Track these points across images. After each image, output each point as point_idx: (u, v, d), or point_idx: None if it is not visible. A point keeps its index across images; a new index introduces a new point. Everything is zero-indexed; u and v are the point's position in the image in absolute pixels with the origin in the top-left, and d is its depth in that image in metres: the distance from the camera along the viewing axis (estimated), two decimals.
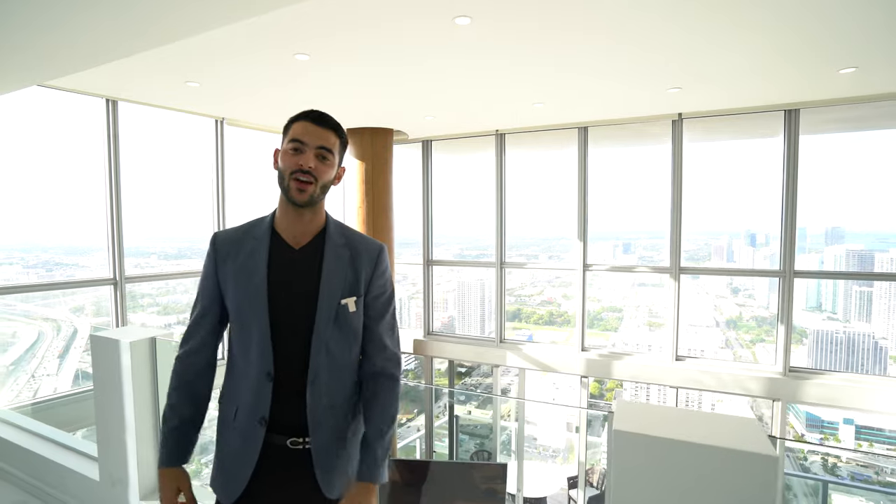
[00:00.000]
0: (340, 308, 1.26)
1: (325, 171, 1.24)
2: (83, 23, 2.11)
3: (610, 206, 5.72)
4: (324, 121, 1.24)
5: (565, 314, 6.21)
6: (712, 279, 5.78)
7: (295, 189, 1.21)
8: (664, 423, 1.38)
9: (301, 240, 1.29)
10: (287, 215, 1.28)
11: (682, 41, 3.15)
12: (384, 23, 2.80)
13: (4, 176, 3.99)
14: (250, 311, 1.22)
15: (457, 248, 6.79)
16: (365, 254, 1.32)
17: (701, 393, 5.41)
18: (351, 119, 5.35)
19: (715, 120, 4.98)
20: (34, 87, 3.74)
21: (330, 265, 1.27)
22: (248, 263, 1.26)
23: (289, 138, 1.23)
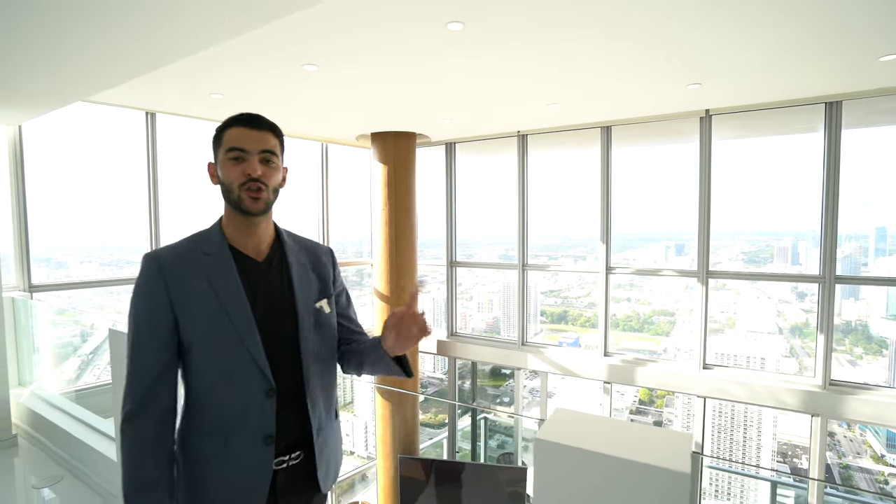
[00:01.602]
0: (318, 312, 1.27)
1: (273, 174, 1.19)
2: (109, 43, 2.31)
3: (639, 207, 5.53)
4: (259, 123, 1.18)
5: (613, 317, 6.06)
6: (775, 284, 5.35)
7: (248, 199, 1.15)
8: (593, 434, 1.36)
9: (261, 250, 1.25)
10: (240, 227, 1.22)
11: (693, 35, 3.01)
12: (384, 24, 2.83)
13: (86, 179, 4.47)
14: (237, 334, 1.13)
15: (502, 250, 6.78)
16: (323, 256, 1.38)
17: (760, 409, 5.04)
18: (373, 124, 5.50)
19: (748, 115, 4.70)
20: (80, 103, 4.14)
21: (298, 273, 1.27)
22: (215, 283, 1.15)
23: (225, 147, 1.15)
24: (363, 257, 7.04)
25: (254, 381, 1.14)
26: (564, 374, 5.63)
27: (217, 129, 1.20)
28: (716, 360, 5.00)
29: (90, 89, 3.14)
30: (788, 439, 5.17)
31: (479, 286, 6.98)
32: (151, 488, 1.09)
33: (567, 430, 1.36)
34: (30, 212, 4.04)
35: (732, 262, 5.23)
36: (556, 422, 1.43)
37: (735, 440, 5.30)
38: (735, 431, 5.31)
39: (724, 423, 5.34)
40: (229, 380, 1.14)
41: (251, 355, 1.14)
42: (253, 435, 1.14)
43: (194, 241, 1.22)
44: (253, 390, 1.14)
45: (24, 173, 4.01)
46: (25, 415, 3.46)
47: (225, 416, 1.14)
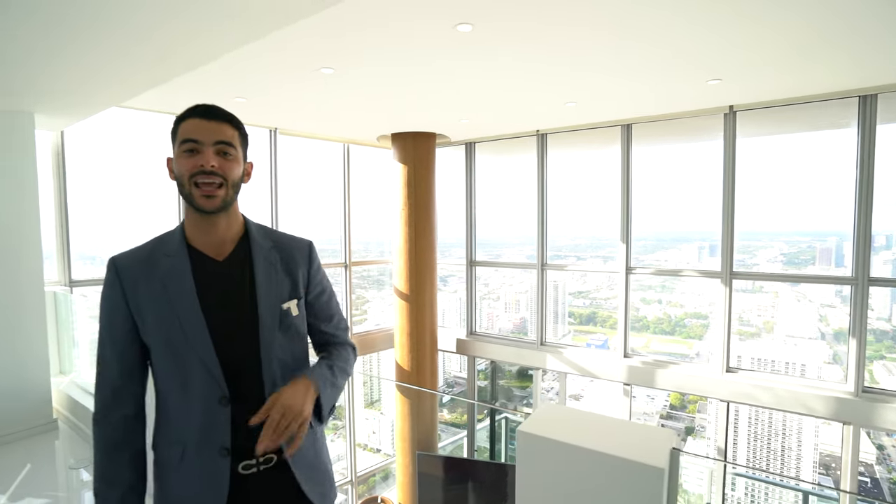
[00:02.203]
0: (283, 313, 1.17)
1: (231, 167, 1.10)
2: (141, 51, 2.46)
3: (664, 207, 5.43)
4: (215, 113, 1.11)
5: (644, 319, 5.98)
6: (818, 286, 5.09)
7: (200, 196, 1.07)
8: (577, 428, 1.38)
9: (223, 250, 1.16)
10: (199, 226, 1.14)
11: (712, 27, 2.94)
12: (393, 27, 2.88)
13: (122, 181, 4.73)
14: (186, 339, 1.07)
15: (530, 250, 6.75)
16: (297, 253, 1.25)
17: (801, 417, 4.83)
18: (392, 124, 5.60)
19: (775, 111, 4.54)
20: (114, 108, 4.39)
21: (263, 271, 1.17)
22: (170, 286, 1.09)
23: (181, 139, 1.07)
24: (384, 256, 7.15)
25: (206, 388, 1.08)
26: (584, 375, 5.58)
27: (174, 120, 1.11)
28: (751, 366, 4.85)
29: (124, 95, 3.33)
30: (831, 451, 4.96)
31: (506, 286, 6.98)
32: (118, 485, 1.10)
33: (551, 424, 1.38)
34: (71, 211, 4.30)
35: (771, 263, 5.06)
36: (542, 415, 1.45)
37: (773, 449, 5.12)
38: (772, 440, 5.13)
39: (761, 430, 5.17)
40: (184, 387, 1.09)
41: (202, 361, 1.07)
42: (208, 445, 1.08)
43: (157, 242, 1.17)
44: (206, 398, 1.08)
45: (66, 175, 4.28)
46: (65, 401, 3.70)
47: (182, 424, 1.10)
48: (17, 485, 2.88)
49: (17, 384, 3.36)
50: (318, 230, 6.48)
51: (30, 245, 3.45)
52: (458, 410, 7.84)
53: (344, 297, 6.51)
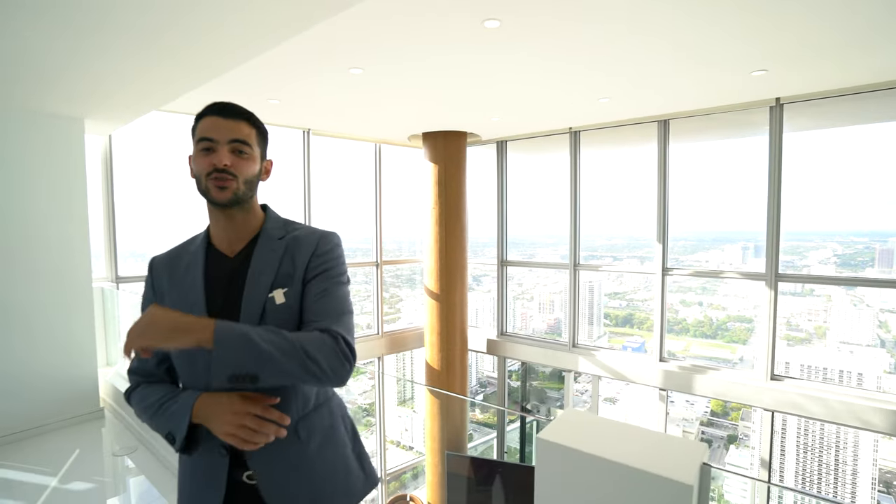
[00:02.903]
0: (268, 301, 1.09)
1: (245, 165, 1.10)
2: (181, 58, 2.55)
3: (704, 205, 5.21)
4: (231, 111, 1.10)
5: (683, 321, 5.79)
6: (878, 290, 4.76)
7: (214, 188, 1.08)
8: (599, 437, 1.32)
9: (236, 246, 1.17)
10: (217, 222, 1.17)
11: (754, 10, 2.79)
12: (420, 25, 2.87)
13: (166, 182, 4.96)
14: None
15: (564, 250, 6.65)
16: (304, 242, 1.17)
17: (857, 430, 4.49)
18: (423, 124, 5.60)
19: (827, 103, 4.26)
20: (158, 113, 4.58)
21: (258, 261, 1.13)
22: (184, 280, 1.14)
23: (197, 138, 1.10)
24: (416, 256, 7.18)
25: (205, 382, 1.06)
26: (617, 378, 5.42)
27: (194, 119, 1.13)
28: (800, 373, 4.59)
29: (165, 98, 3.46)
30: (893, 467, 4.62)
31: (539, 286, 6.88)
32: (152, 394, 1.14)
33: (573, 432, 1.33)
34: (117, 211, 4.52)
35: (823, 265, 4.78)
36: (564, 422, 1.40)
37: (825, 462, 4.83)
38: (825, 453, 4.84)
39: (811, 442, 4.88)
40: (192, 380, 1.10)
41: (202, 355, 1.02)
42: (211, 440, 1.06)
43: (187, 242, 1.23)
44: (199, 375, 1.08)
45: (114, 177, 4.50)
46: (111, 391, 3.89)
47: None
48: (66, 469, 3.05)
49: (67, 374, 3.56)
50: (351, 230, 6.58)
51: (79, 244, 3.65)
52: (491, 410, 7.79)
53: (375, 296, 6.58)
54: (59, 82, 2.83)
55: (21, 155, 3.35)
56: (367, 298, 6.66)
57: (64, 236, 3.57)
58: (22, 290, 3.35)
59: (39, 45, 2.16)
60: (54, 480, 2.90)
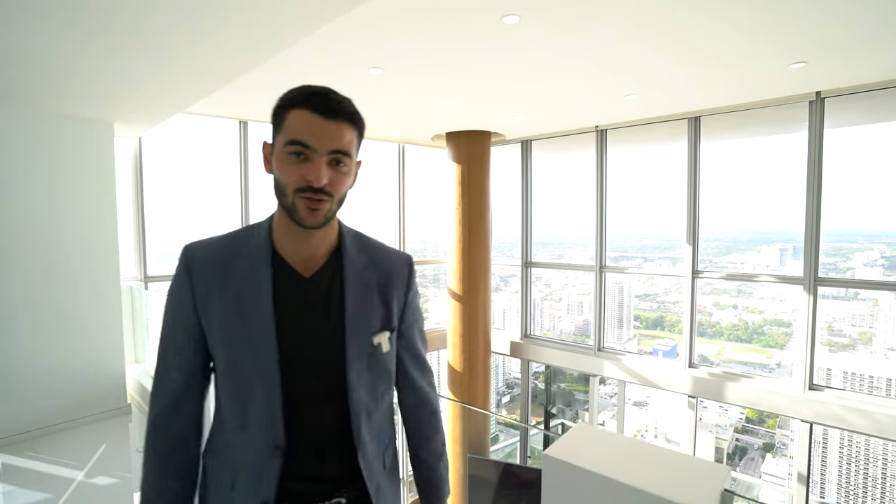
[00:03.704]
0: (373, 349, 0.98)
1: (343, 180, 0.91)
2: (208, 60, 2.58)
3: (739, 205, 4.99)
4: (335, 111, 0.88)
5: (717, 325, 5.57)
6: None
7: (304, 210, 0.88)
8: (612, 456, 1.24)
9: (312, 264, 0.97)
10: (291, 234, 0.95)
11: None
12: (439, 21, 2.81)
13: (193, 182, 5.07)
14: (254, 365, 0.91)
15: (593, 251, 6.49)
16: (394, 273, 1.04)
17: None
18: (446, 123, 5.55)
19: (871, 97, 3.99)
20: (187, 115, 4.68)
21: (354, 297, 0.97)
22: (244, 295, 0.92)
23: (287, 137, 0.87)
24: (440, 257, 7.14)
25: (262, 429, 0.92)
26: (643, 384, 5.24)
27: (280, 103, 0.91)
28: (843, 381, 4.33)
29: (188, 101, 3.53)
30: None
31: (568, 287, 6.75)
32: (166, 493, 0.98)
33: (583, 449, 1.26)
34: (147, 212, 4.64)
35: (869, 268, 4.50)
36: (573, 438, 1.32)
37: (871, 476, 4.56)
38: (870, 465, 4.57)
39: (856, 453, 4.62)
40: (242, 416, 0.93)
41: (265, 397, 0.91)
42: (254, 492, 0.93)
43: (238, 238, 0.99)
44: (260, 440, 0.92)
45: (143, 179, 4.62)
46: (138, 388, 4.00)
47: (235, 452, 0.95)
48: (92, 463, 3.14)
49: (95, 370, 3.67)
50: (374, 230, 6.59)
51: (107, 244, 3.76)
52: (518, 411, 7.69)
53: None
54: (71, 85, 2.90)
55: (53, 158, 3.47)
56: None
57: (93, 237, 3.67)
58: (52, 289, 3.47)
59: (48, 46, 2.21)
60: (81, 474, 2.99)
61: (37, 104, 3.25)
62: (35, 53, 2.36)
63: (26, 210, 3.36)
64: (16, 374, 3.33)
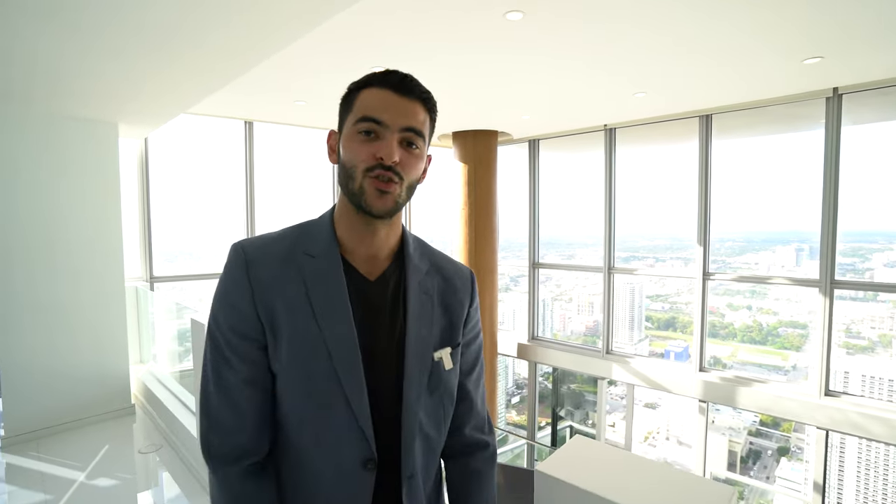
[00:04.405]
0: (434, 366, 0.87)
1: (414, 164, 0.82)
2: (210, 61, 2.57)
3: (753, 205, 4.86)
4: (409, 87, 0.82)
5: (730, 326, 5.46)
6: None
7: (373, 192, 0.79)
8: (609, 473, 1.17)
9: (375, 268, 0.88)
10: (355, 230, 0.86)
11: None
12: (442, 18, 2.76)
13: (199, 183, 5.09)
14: (335, 371, 0.79)
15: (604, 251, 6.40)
16: (459, 285, 0.95)
17: None
18: (452, 123, 5.50)
19: (893, 91, 3.85)
20: (193, 116, 4.69)
21: (418, 303, 0.88)
22: (315, 296, 0.81)
23: (357, 115, 0.80)
24: None
25: (348, 440, 0.80)
26: (652, 387, 5.14)
27: (351, 87, 0.85)
28: (861, 385, 4.20)
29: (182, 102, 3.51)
30: None
31: (579, 287, 6.66)
32: None
33: (578, 466, 1.20)
34: (153, 212, 4.65)
35: (889, 269, 4.37)
36: (569, 453, 1.26)
37: (891, 482, 4.43)
38: (890, 472, 4.45)
39: (875, 459, 4.49)
40: (317, 438, 0.81)
41: (348, 403, 0.79)
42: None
43: (296, 235, 0.87)
44: (346, 454, 0.80)
45: (150, 179, 4.64)
46: (142, 388, 4.01)
47: (308, 480, 0.82)
48: (95, 463, 3.14)
49: (99, 371, 3.68)
50: None
51: (112, 244, 3.77)
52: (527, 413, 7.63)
53: None
54: (74, 86, 2.91)
55: (57, 158, 3.48)
56: None
57: (97, 237, 3.69)
58: (56, 289, 3.49)
59: (50, 47, 2.20)
60: (82, 475, 2.99)
61: (40, 105, 3.27)
62: (36, 55, 2.36)
63: (31, 210, 3.38)
64: (20, 374, 3.35)
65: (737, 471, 5.20)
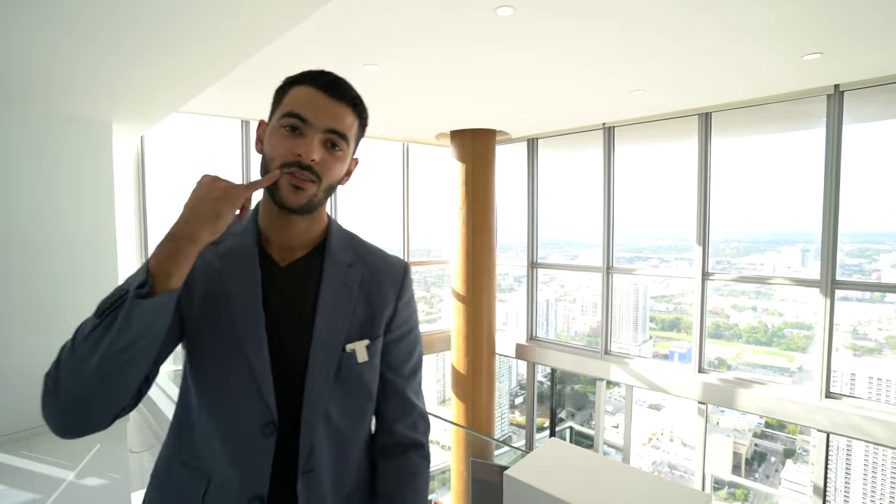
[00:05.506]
0: (345, 357, 0.86)
1: (334, 166, 0.84)
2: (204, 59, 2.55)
3: (753, 204, 4.79)
4: (340, 90, 0.83)
5: (735, 327, 5.39)
6: None
7: (287, 187, 0.80)
8: (581, 480, 1.13)
9: (287, 255, 0.89)
10: (272, 220, 0.88)
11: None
12: (431, 15, 2.73)
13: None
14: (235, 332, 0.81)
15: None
16: (386, 279, 0.94)
17: None
18: (450, 122, 5.47)
19: (891, 89, 3.78)
20: (192, 115, 4.68)
21: (330, 293, 0.87)
22: (227, 265, 0.85)
23: (284, 110, 0.82)
24: (445, 257, 7.06)
25: (249, 405, 0.80)
26: (651, 388, 5.08)
27: (284, 82, 0.86)
28: (868, 387, 4.13)
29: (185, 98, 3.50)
30: None
31: (583, 288, 6.61)
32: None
33: (550, 471, 1.16)
34: (149, 211, 4.65)
35: None
36: (541, 457, 1.23)
37: None
38: None
39: (882, 461, 4.40)
40: (217, 398, 0.82)
41: (249, 365, 0.80)
42: (237, 488, 0.80)
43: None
44: (245, 418, 0.80)
45: (145, 178, 4.63)
46: None
47: (208, 449, 0.82)
48: (84, 463, 3.13)
49: None
50: (378, 229, 6.53)
51: (106, 244, 3.75)
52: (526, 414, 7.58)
53: None
54: (67, 84, 2.90)
55: (51, 157, 3.47)
56: None
57: (92, 237, 3.67)
58: (50, 288, 3.48)
59: (44, 47, 2.19)
60: (72, 475, 2.99)
61: (34, 104, 3.26)
62: (30, 54, 2.35)
63: (25, 209, 3.38)
64: (12, 372, 3.34)
65: (742, 473, 5.13)
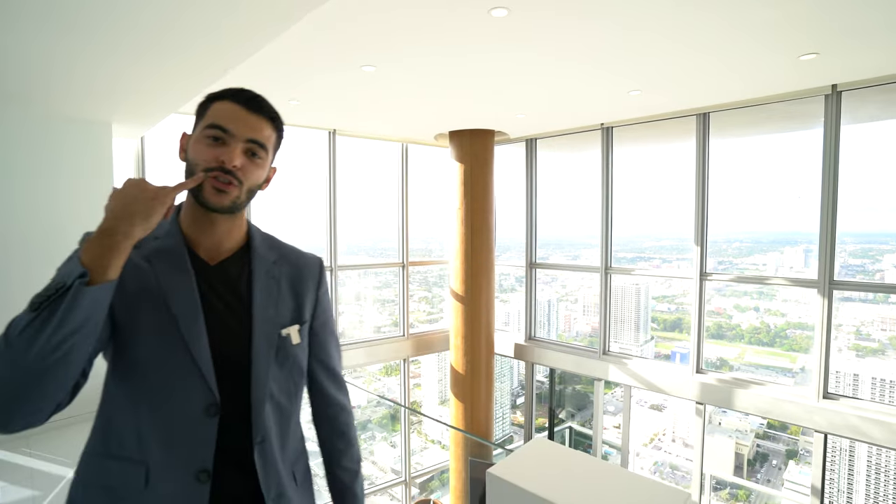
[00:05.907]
0: (282, 341, 0.97)
1: (255, 171, 0.93)
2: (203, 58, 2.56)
3: (754, 204, 4.79)
4: (258, 105, 0.94)
5: (737, 327, 5.38)
6: None
7: (211, 189, 0.89)
8: (563, 479, 1.14)
9: (215, 255, 0.97)
10: (197, 222, 0.95)
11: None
12: (426, 15, 2.74)
13: None
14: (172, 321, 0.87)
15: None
16: (306, 270, 1.07)
17: None
18: (448, 122, 5.48)
19: (889, 89, 3.77)
20: (181, 116, 4.70)
21: (263, 287, 0.98)
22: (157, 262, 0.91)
23: (207, 122, 0.91)
24: (444, 257, 7.07)
25: (191, 390, 0.87)
26: (649, 389, 5.08)
27: (206, 98, 0.95)
28: (871, 388, 4.13)
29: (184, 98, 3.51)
30: None
31: (584, 288, 6.61)
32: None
33: (533, 469, 1.17)
34: None
35: None
36: (524, 456, 1.24)
37: None
38: None
39: (886, 462, 4.40)
40: (158, 383, 0.88)
41: (190, 353, 0.87)
42: (182, 465, 0.86)
43: None
44: (188, 403, 0.87)
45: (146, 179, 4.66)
46: None
47: (145, 438, 0.86)
48: None
49: (93, 369, 3.69)
50: (377, 229, 6.55)
51: None
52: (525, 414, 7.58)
53: (400, 297, 6.53)
54: (66, 85, 2.92)
55: (50, 158, 3.50)
56: (394, 302, 6.62)
57: None
58: None
59: (43, 48, 2.21)
60: (71, 472, 3.02)
61: (34, 104, 3.29)
62: (29, 54, 2.37)
63: (24, 210, 3.40)
64: None
65: (744, 474, 5.13)
